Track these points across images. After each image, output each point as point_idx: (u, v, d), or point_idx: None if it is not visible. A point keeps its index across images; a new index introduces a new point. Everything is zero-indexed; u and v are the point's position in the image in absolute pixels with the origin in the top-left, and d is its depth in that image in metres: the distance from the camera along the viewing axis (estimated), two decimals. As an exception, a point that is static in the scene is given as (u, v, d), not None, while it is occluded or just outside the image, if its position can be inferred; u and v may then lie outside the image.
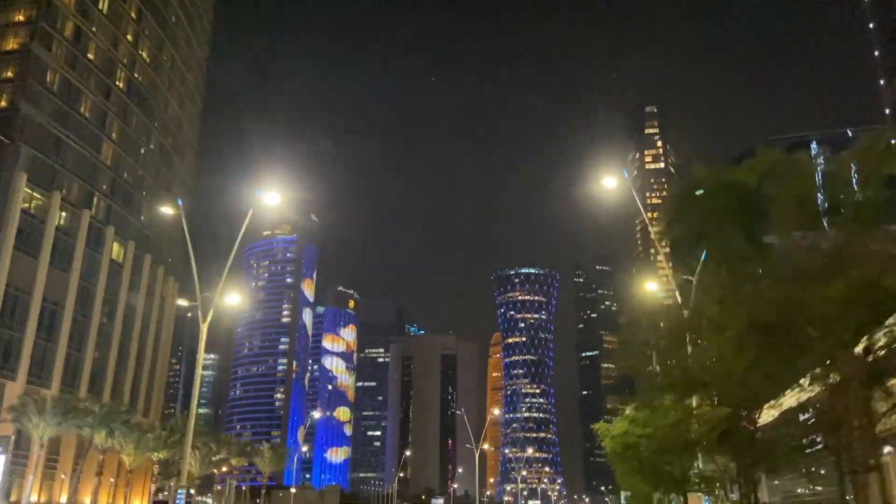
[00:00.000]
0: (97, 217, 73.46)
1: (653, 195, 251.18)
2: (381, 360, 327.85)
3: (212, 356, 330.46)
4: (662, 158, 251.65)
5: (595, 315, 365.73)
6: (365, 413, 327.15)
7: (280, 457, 79.03)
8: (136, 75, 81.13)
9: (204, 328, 23.56)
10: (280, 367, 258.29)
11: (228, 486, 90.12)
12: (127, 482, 60.09)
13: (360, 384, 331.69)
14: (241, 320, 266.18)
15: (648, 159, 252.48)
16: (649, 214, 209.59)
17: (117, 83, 78.10)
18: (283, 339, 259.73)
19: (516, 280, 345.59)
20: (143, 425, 60.95)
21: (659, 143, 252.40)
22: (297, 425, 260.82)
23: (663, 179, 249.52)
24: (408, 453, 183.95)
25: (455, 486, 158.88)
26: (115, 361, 74.97)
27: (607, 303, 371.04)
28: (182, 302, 61.61)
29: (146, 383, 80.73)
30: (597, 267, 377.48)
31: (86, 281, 71.22)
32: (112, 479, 60.34)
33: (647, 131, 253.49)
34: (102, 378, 73.15)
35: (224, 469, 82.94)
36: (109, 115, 76.20)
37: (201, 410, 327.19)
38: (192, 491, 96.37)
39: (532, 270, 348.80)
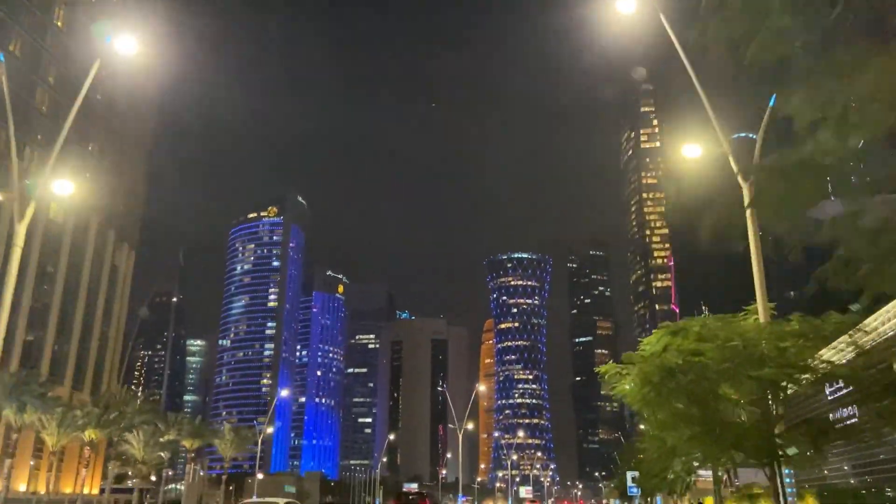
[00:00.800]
0: (30, 170, 64.51)
1: (648, 175, 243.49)
2: (371, 346, 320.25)
3: (198, 342, 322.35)
4: (658, 137, 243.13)
5: (588, 301, 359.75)
6: (356, 400, 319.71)
7: (244, 439, 70.45)
8: (78, 15, 71.95)
9: (22, 229, 15.63)
10: (267, 353, 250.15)
11: (191, 473, 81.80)
12: (51, 466, 51.60)
13: (350, 370, 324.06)
14: (227, 304, 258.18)
15: (644, 138, 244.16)
16: (645, 194, 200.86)
17: (56, 23, 69.04)
18: (269, 324, 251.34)
19: (509, 265, 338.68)
20: (64, 399, 52.14)
21: (655, 122, 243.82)
22: (284, 412, 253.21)
23: (659, 159, 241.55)
24: (391, 437, 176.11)
25: (444, 472, 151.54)
26: (54, 334, 66.35)
27: (601, 288, 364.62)
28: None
29: (94, 359, 72.18)
30: (590, 252, 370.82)
31: (16, 241, 62.46)
32: (31, 462, 51.92)
33: (642, 109, 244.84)
34: (39, 352, 64.56)
35: (192, 454, 74.41)
36: (45, 56, 67.15)
37: (189, 398, 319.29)
38: (154, 478, 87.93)
39: (525, 255, 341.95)
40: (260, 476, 77.69)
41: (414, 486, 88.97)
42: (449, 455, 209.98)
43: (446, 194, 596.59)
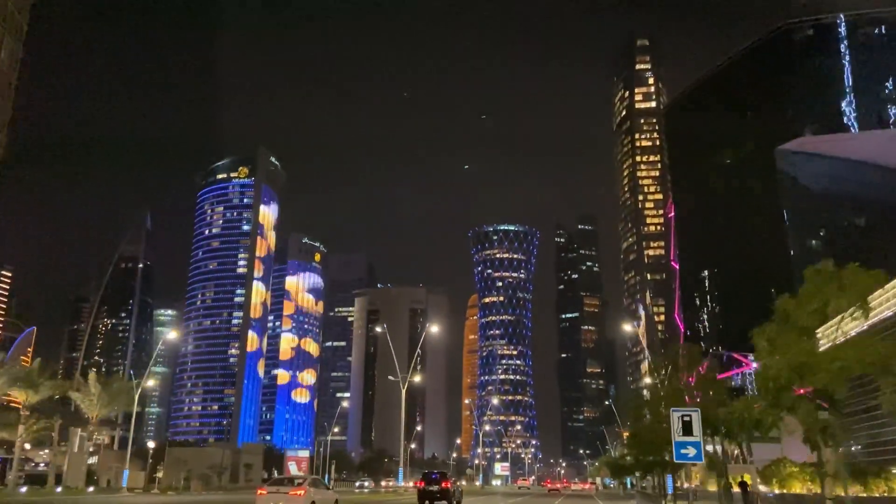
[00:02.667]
0: None
1: (643, 137, 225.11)
2: (350, 318, 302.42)
3: (169, 312, 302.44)
4: (654, 97, 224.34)
5: (576, 276, 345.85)
6: (334, 374, 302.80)
7: (117, 394, 51.45)
8: None
9: None
10: (235, 321, 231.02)
11: (74, 440, 62.87)
12: None
13: (328, 344, 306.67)
14: (194, 270, 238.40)
15: (639, 97, 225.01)
16: (639, 157, 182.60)
17: None
18: (238, 291, 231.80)
19: (495, 237, 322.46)
20: None
21: (651, 80, 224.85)
22: (253, 384, 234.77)
23: (654, 120, 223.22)
24: (345, 404, 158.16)
25: (413, 445, 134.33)
26: None
27: (588, 263, 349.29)
28: None
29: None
30: (579, 226, 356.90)
31: None
32: None
33: (637, 67, 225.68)
34: None
35: (27, 412, 54.49)
36: None
37: (158, 369, 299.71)
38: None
39: (511, 227, 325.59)
40: (151, 444, 59.01)
41: (304, 453, 71.68)
42: (419, 428, 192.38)
43: (430, 162, 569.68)
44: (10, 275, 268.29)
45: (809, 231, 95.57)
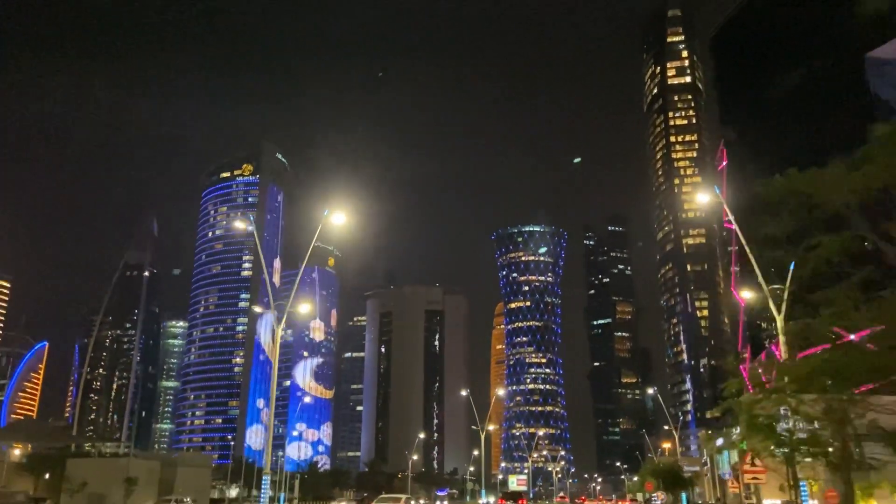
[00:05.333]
0: None
1: (677, 116, 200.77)
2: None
3: (181, 323, 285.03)
4: (689, 71, 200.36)
5: (607, 280, 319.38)
6: (353, 386, 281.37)
7: None
8: None
9: None
10: (240, 329, 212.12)
11: None
12: None
13: (347, 355, 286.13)
14: (197, 275, 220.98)
15: (671, 73, 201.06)
16: (673, 138, 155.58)
17: None
18: (243, 296, 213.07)
19: (520, 239, 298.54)
20: None
21: (685, 54, 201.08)
22: (259, 396, 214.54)
23: (689, 96, 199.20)
24: (326, 396, 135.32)
25: (415, 457, 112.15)
26: None
27: (620, 266, 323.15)
28: None
29: None
30: (609, 228, 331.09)
31: None
32: None
33: (669, 40, 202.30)
34: None
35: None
36: None
37: (169, 384, 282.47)
38: None
39: (537, 228, 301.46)
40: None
41: None
42: (421, 436, 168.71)
43: (452, 163, 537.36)
44: (8, 285, 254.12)
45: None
